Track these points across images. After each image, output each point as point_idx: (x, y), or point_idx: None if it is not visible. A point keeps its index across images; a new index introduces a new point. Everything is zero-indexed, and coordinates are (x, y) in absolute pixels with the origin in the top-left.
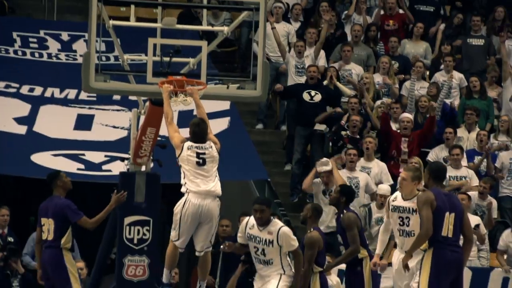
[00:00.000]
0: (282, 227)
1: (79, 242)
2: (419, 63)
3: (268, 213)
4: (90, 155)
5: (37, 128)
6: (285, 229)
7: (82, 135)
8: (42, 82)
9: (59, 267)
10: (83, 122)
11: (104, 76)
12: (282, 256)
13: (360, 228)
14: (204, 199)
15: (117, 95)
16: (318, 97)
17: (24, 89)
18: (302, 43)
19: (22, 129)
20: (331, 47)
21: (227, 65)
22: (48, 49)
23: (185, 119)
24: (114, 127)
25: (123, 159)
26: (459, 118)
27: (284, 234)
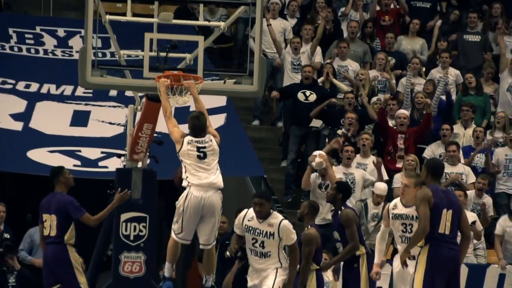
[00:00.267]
0: (283, 219)
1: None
2: (415, 59)
3: (268, 207)
4: (87, 152)
5: (33, 124)
6: (286, 222)
7: (78, 132)
8: (38, 79)
9: (64, 262)
10: (79, 119)
11: (101, 71)
12: (280, 249)
13: (358, 224)
14: (206, 191)
15: (113, 92)
16: (313, 97)
17: (20, 85)
18: (298, 39)
19: (18, 126)
20: (327, 44)
21: (223, 62)
22: (44, 45)
23: (182, 115)
24: (111, 123)
25: (120, 156)
26: (455, 115)
27: (285, 227)
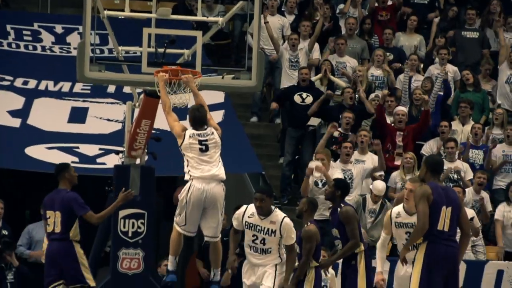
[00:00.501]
0: (285, 217)
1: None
2: (413, 56)
3: (269, 203)
4: (85, 148)
5: (31, 121)
6: (289, 221)
7: (76, 128)
8: (36, 75)
9: (70, 259)
10: (77, 115)
11: (99, 66)
12: (280, 245)
13: (358, 221)
14: (208, 183)
15: (111, 88)
16: (309, 100)
17: (18, 82)
18: (296, 36)
19: (16, 122)
20: (325, 41)
21: (221, 58)
22: (42, 42)
23: (181, 111)
24: (109, 120)
25: (118, 152)
26: (453, 111)
27: (288, 225)
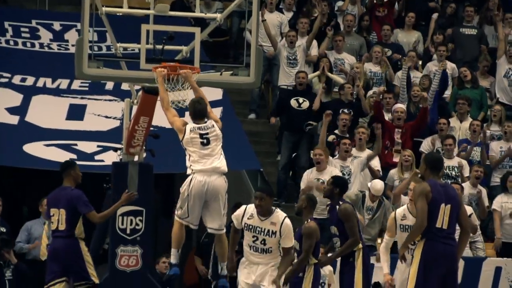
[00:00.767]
0: (286, 218)
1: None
2: (411, 52)
3: (269, 202)
4: (83, 145)
5: (29, 118)
6: (289, 222)
7: (74, 125)
8: (34, 72)
9: (76, 256)
10: (75, 112)
11: (97, 62)
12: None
13: (357, 218)
14: (210, 176)
15: (110, 85)
16: (305, 104)
17: (16, 79)
18: (294, 33)
19: (14, 119)
20: (323, 37)
21: (219, 55)
22: (40, 39)
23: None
24: (107, 117)
25: (116, 149)
26: (451, 107)
27: (288, 226)
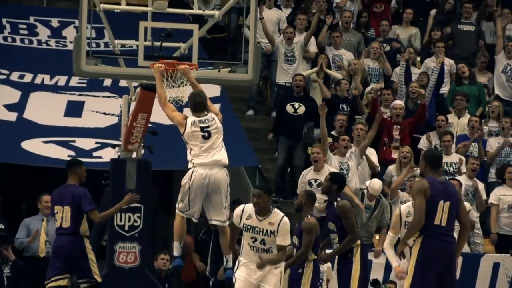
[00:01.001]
0: (284, 217)
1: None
2: (409, 48)
3: (267, 201)
4: (81, 142)
5: (27, 115)
6: (287, 221)
7: (72, 122)
8: (32, 69)
9: (80, 254)
10: (74, 109)
11: (95, 59)
12: None
13: (355, 215)
14: (211, 169)
15: (108, 82)
16: (301, 110)
17: (14, 76)
18: (292, 29)
19: (12, 116)
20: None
21: (217, 52)
22: (38, 36)
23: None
24: (105, 113)
25: (114, 146)
26: (448, 103)
27: (285, 226)
